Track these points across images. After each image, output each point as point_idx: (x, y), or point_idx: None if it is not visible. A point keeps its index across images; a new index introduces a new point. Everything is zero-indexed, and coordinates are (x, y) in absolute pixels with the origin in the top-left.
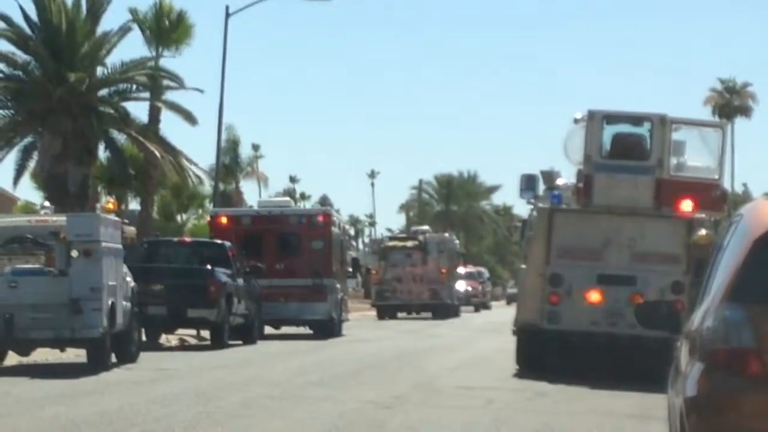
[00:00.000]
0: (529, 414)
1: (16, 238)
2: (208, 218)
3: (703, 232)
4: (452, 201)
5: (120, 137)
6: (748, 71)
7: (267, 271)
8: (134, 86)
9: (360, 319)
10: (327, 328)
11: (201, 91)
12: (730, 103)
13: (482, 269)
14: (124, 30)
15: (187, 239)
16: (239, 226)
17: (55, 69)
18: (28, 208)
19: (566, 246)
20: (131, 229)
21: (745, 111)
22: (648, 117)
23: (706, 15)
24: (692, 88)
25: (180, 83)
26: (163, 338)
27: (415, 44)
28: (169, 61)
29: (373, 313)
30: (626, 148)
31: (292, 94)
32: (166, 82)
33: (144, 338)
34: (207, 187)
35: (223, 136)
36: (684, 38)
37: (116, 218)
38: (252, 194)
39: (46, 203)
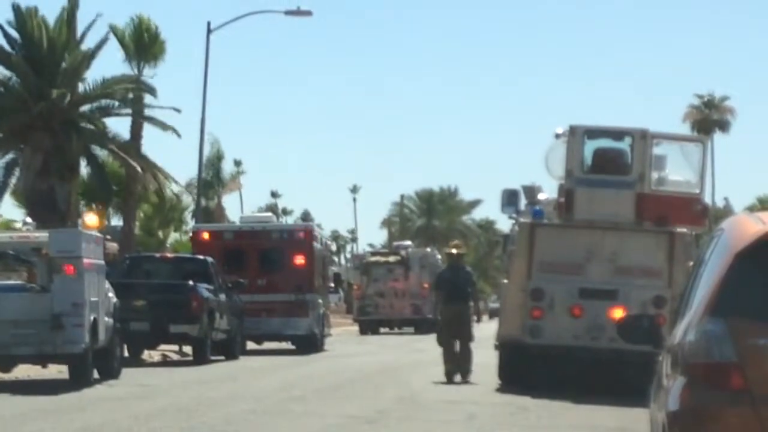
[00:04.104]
0: (511, 428)
1: None
2: (190, 234)
3: (455, 241)
4: (434, 216)
5: (101, 153)
6: (727, 86)
7: (249, 286)
8: (115, 103)
9: (342, 334)
10: (309, 344)
11: (178, 111)
12: (709, 118)
13: None
14: (101, 42)
15: (169, 255)
16: (221, 241)
17: (36, 85)
18: (9, 226)
19: (548, 260)
20: (113, 245)
21: (724, 125)
22: (629, 132)
23: (686, 31)
24: (672, 103)
25: (155, 98)
26: (146, 354)
27: (395, 60)
28: (149, 76)
29: (356, 328)
30: (607, 162)
31: (273, 109)
32: (147, 99)
33: (126, 354)
34: (189, 202)
35: (209, 150)
36: (664, 53)
37: (98, 234)
38: (234, 210)
39: (28, 219)
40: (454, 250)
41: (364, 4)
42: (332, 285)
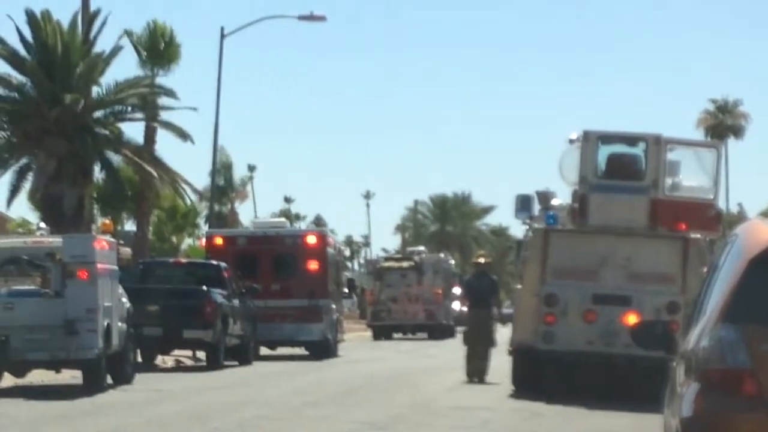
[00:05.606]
0: None
1: (12, 260)
2: (204, 239)
3: (481, 251)
4: (447, 221)
5: (115, 158)
6: (741, 91)
7: (262, 291)
8: (129, 108)
9: (356, 339)
10: (322, 349)
11: (194, 109)
12: (723, 123)
13: None
14: (116, 49)
15: (183, 260)
16: (235, 246)
17: (50, 90)
18: (24, 226)
19: (561, 266)
20: (127, 250)
21: (738, 131)
22: (643, 137)
23: (700, 36)
24: (686, 109)
25: (176, 99)
26: (159, 359)
27: (409, 65)
28: (163, 81)
29: (369, 333)
30: (621, 168)
31: (286, 114)
32: (161, 101)
33: (139, 359)
34: (203, 207)
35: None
36: (678, 59)
37: (112, 239)
38: (247, 215)
39: (42, 224)
40: (480, 260)
41: (377, 9)
42: (346, 290)
